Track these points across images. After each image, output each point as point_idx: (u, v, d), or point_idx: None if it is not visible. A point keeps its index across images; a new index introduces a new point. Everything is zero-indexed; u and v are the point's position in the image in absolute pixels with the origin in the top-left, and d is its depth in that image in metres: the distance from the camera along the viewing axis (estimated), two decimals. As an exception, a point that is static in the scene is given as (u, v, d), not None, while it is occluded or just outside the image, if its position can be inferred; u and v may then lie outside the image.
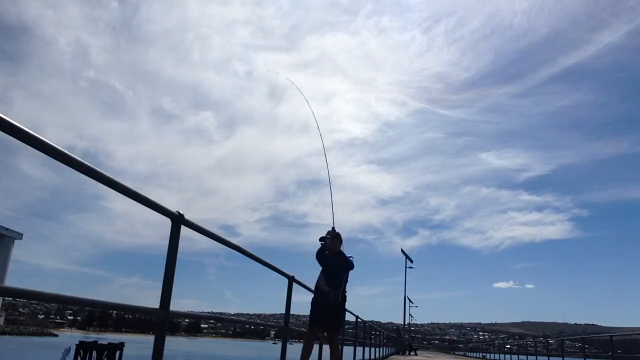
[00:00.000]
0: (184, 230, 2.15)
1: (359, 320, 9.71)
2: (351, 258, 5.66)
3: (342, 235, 5.77)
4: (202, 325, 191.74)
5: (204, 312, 3.48)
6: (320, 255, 5.77)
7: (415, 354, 27.71)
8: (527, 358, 20.55)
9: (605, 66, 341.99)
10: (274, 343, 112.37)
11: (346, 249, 5.77)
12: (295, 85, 6.78)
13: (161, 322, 2.02)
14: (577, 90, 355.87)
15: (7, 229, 25.89)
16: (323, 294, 5.49)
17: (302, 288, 5.30)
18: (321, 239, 5.75)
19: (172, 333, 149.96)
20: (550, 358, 16.52)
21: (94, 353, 26.42)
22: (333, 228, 5.79)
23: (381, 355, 15.80)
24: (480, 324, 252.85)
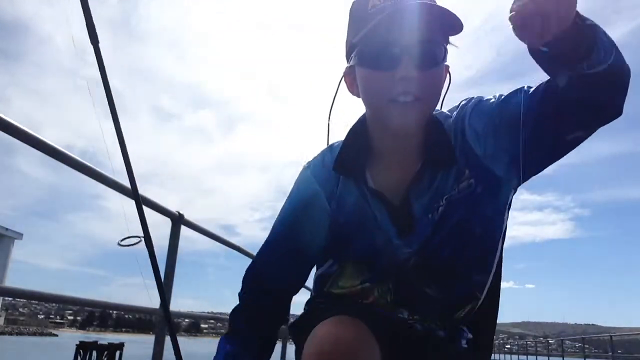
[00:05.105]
0: (184, 230, 2.15)
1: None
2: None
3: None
4: (202, 326, 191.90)
5: (204, 312, 3.47)
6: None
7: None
8: (527, 358, 20.54)
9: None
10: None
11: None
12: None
13: (161, 322, 2.01)
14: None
15: (7, 229, 25.87)
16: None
17: (302, 288, 4.96)
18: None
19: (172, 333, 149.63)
20: (550, 358, 16.52)
21: (94, 353, 26.40)
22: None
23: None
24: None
